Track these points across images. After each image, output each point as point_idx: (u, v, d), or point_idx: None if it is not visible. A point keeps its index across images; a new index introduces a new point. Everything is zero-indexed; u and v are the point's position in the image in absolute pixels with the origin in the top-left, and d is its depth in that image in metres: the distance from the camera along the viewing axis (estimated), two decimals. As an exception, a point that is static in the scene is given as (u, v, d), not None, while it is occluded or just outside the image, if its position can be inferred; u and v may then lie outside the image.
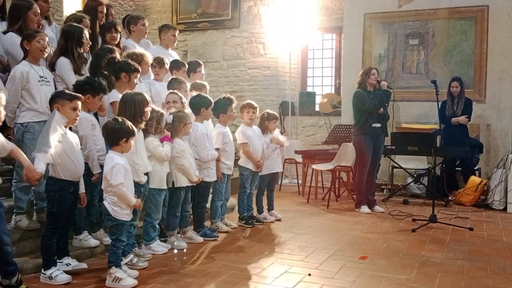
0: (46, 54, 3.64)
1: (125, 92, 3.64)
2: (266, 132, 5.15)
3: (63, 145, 3.08)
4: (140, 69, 3.93)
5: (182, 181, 4.05)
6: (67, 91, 3.24)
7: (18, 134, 3.53)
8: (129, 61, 3.96)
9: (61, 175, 3.12)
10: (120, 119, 3.19)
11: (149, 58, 4.38)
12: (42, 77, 3.55)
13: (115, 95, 3.79)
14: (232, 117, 4.75)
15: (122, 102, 3.52)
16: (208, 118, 4.58)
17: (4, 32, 3.93)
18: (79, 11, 4.81)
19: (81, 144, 3.39)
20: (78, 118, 3.20)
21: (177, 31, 5.49)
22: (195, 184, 4.17)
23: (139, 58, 4.22)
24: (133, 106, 3.43)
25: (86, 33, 3.93)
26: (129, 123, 3.20)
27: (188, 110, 4.31)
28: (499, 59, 6.82)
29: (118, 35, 4.70)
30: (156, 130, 3.74)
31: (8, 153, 2.86)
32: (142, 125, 3.50)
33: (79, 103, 3.18)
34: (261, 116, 5.16)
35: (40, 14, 4.09)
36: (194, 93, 4.59)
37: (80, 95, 3.22)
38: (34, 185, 3.06)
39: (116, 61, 3.89)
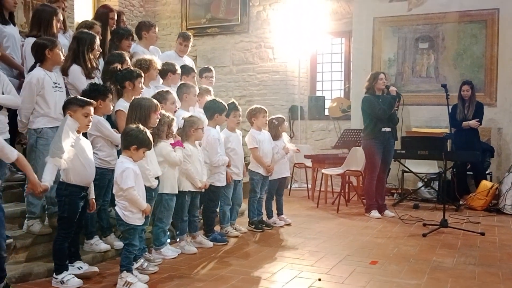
0: (62, 63, 3.71)
1: (133, 98, 3.68)
2: (278, 137, 5.15)
3: (75, 150, 3.11)
4: (142, 74, 3.96)
5: (185, 186, 4.05)
6: (79, 97, 3.28)
7: (31, 140, 3.58)
8: (131, 68, 3.99)
9: (72, 180, 3.15)
10: (142, 128, 3.21)
11: (158, 64, 4.41)
12: (55, 83, 3.60)
13: (121, 104, 3.81)
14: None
15: (130, 107, 3.56)
16: (221, 123, 4.59)
17: (27, 36, 3.99)
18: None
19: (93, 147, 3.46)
20: (90, 124, 3.24)
21: (186, 40, 5.52)
22: (202, 190, 4.17)
23: (147, 63, 4.27)
24: (138, 111, 3.46)
25: (98, 40, 3.99)
26: (149, 135, 3.22)
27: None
28: (510, 63, 6.77)
29: (132, 42, 4.81)
30: (167, 135, 3.76)
31: (13, 161, 2.88)
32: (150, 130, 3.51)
33: (92, 109, 3.22)
34: (270, 123, 5.13)
35: None
36: (209, 98, 4.62)
37: (92, 100, 3.26)
38: (38, 197, 3.10)
39: (118, 71, 3.92)
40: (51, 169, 2.98)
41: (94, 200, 3.37)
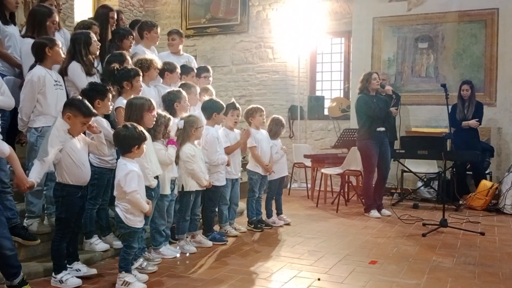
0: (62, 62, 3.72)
1: (128, 98, 3.68)
2: (277, 137, 5.16)
3: (67, 150, 3.10)
4: (140, 73, 3.96)
5: (192, 185, 4.06)
6: (86, 103, 3.21)
7: (32, 139, 3.57)
8: (128, 67, 3.99)
9: (68, 181, 3.13)
10: (130, 125, 3.19)
11: (158, 63, 4.42)
12: (56, 81, 3.61)
13: (120, 101, 3.80)
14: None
15: (125, 107, 3.57)
16: (220, 122, 4.59)
17: (23, 37, 3.98)
18: (90, 18, 4.89)
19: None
20: (83, 132, 3.25)
21: (171, 34, 5.53)
22: (205, 188, 4.18)
23: (148, 63, 4.28)
24: (131, 111, 3.45)
25: (93, 36, 3.98)
26: (141, 128, 3.21)
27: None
28: (509, 63, 6.77)
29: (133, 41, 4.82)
30: (164, 135, 3.75)
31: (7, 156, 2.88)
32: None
33: (91, 120, 3.23)
34: (274, 121, 5.15)
35: None
36: (207, 97, 4.62)
37: (94, 112, 3.24)
38: (23, 192, 3.11)
39: (115, 70, 3.92)
40: (38, 167, 2.96)
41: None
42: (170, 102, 4.04)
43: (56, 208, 3.23)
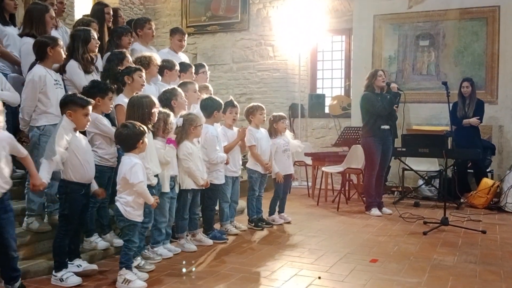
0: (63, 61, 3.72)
1: (132, 96, 3.67)
2: (277, 134, 5.13)
3: (72, 148, 3.13)
4: (142, 69, 3.96)
5: (188, 184, 4.05)
6: (79, 95, 3.26)
7: (34, 138, 3.57)
8: (129, 65, 3.99)
9: (72, 178, 3.15)
10: (129, 124, 3.21)
11: (158, 60, 4.40)
12: (56, 80, 3.61)
13: (120, 99, 3.80)
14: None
15: (130, 105, 3.54)
16: (219, 121, 4.58)
17: (21, 35, 3.98)
18: (86, 15, 4.88)
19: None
20: (88, 123, 3.25)
21: (184, 35, 5.48)
22: (203, 188, 4.16)
23: (147, 59, 4.26)
24: (141, 109, 3.44)
25: (94, 33, 3.98)
26: (139, 124, 3.23)
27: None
28: (511, 60, 6.75)
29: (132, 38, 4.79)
30: (164, 131, 3.74)
31: (20, 157, 2.92)
32: (150, 127, 3.51)
33: (90, 108, 3.23)
34: (270, 121, 5.14)
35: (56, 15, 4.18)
36: (205, 96, 4.61)
37: (91, 100, 3.26)
38: (38, 194, 3.21)
39: (117, 70, 3.92)
40: (47, 167, 2.99)
41: (99, 190, 3.36)
42: (167, 100, 4.00)
43: (60, 205, 3.25)
